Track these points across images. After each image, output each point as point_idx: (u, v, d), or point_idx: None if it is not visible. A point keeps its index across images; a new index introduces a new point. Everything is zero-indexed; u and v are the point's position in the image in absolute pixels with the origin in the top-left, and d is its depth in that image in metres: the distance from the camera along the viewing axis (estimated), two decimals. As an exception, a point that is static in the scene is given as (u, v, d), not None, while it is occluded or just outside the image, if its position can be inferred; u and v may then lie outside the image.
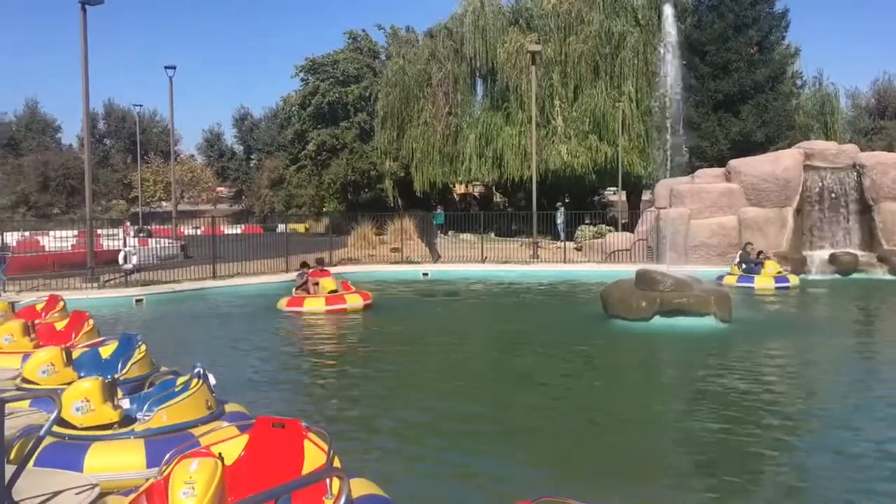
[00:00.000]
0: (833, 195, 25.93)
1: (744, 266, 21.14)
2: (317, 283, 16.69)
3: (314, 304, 16.05)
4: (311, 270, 17.27)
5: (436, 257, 29.00)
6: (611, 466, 6.48)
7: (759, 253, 21.89)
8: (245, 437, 4.68)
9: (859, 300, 18.96)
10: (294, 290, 16.95)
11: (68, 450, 5.55)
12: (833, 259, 23.62)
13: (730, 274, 21.02)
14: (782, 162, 26.16)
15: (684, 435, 7.44)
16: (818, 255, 24.18)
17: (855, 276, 22.98)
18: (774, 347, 12.11)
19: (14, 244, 25.81)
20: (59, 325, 9.90)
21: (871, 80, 62.41)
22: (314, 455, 4.50)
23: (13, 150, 75.42)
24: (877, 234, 25.09)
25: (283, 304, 16.41)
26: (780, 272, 20.61)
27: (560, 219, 32.29)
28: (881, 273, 23.39)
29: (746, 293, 18.66)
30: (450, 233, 33.89)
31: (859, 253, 24.54)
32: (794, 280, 20.66)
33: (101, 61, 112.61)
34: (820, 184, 25.98)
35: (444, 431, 7.53)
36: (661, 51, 25.60)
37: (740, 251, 22.13)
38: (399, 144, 38.93)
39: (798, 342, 12.75)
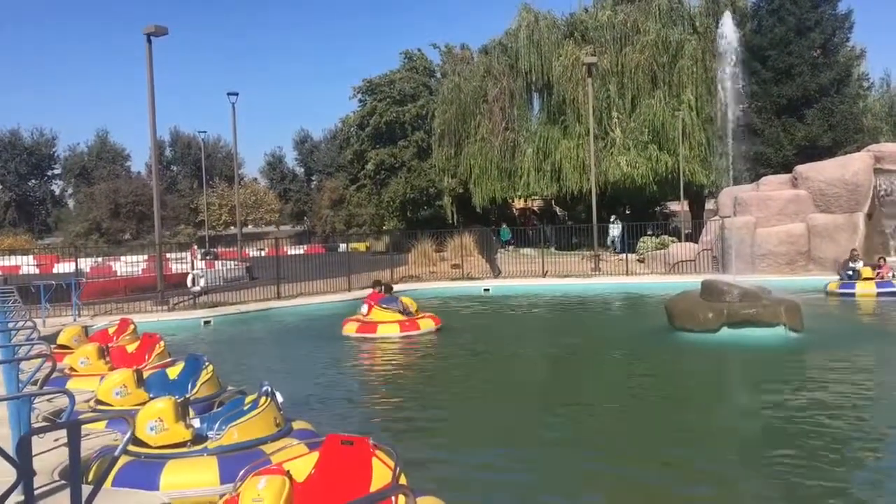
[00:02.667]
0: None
1: (848, 273, 20.47)
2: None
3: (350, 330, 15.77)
4: (372, 292, 17.10)
5: (496, 272, 28.94)
6: (671, 485, 6.33)
7: (879, 258, 21.11)
8: (315, 455, 4.74)
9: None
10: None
11: (145, 468, 5.71)
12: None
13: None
14: (851, 166, 25.37)
15: (755, 456, 7.22)
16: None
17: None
18: (847, 359, 11.61)
19: (87, 270, 26.74)
20: (131, 348, 10.20)
21: (943, 78, 59.94)
22: (382, 472, 4.53)
23: (85, 179, 78.42)
24: (953, 237, 24.10)
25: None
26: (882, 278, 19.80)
27: (615, 231, 31.85)
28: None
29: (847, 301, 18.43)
30: (510, 247, 33.87)
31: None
32: None
33: (167, 89, 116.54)
34: (892, 187, 25.11)
35: (512, 449, 7.48)
36: (723, 59, 25.17)
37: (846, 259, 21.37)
38: (457, 161, 39.07)
39: (875, 353, 12.27)
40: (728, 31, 25.14)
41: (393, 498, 4.16)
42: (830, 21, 35.17)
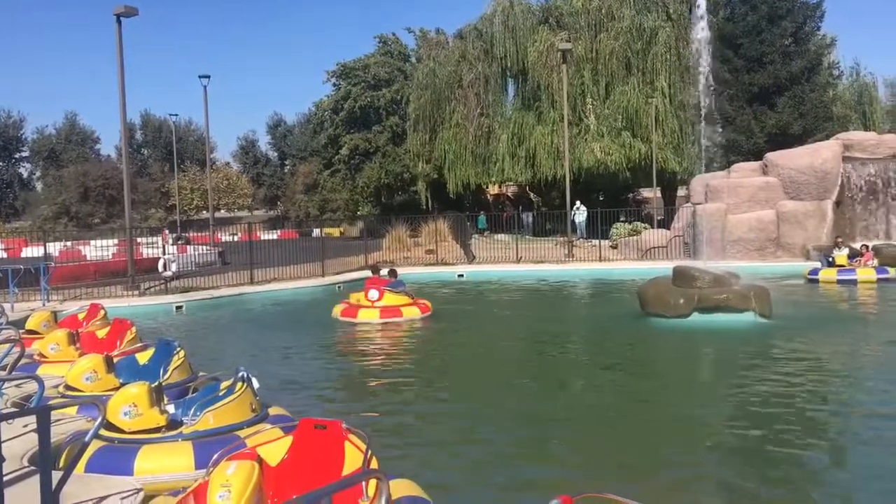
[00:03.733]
0: (873, 186, 25.46)
1: (828, 259, 20.59)
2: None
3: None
4: (373, 277, 16.77)
5: (471, 258, 29.01)
6: (649, 466, 6.44)
7: (862, 245, 21.22)
8: (289, 439, 4.75)
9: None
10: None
11: (119, 454, 5.68)
12: (876, 252, 23.16)
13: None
14: (820, 154, 25.74)
15: (722, 436, 7.36)
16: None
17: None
18: (813, 344, 11.85)
19: (56, 254, 26.35)
20: (101, 334, 10.09)
21: (911, 68, 61.02)
22: (354, 456, 4.55)
23: (54, 162, 77.13)
24: (920, 225, 24.58)
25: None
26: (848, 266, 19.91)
27: (579, 217, 32.03)
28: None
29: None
30: (485, 233, 33.99)
31: (903, 245, 24.00)
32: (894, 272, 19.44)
33: (137, 72, 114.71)
34: (859, 175, 25.53)
35: (486, 431, 7.55)
36: (694, 45, 25.35)
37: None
38: (431, 146, 39.03)
39: (842, 338, 12.50)
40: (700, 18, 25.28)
41: (364, 483, 4.18)
42: (802, 9, 35.59)
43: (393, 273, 17.23)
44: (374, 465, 4.38)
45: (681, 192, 38.37)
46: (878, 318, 14.92)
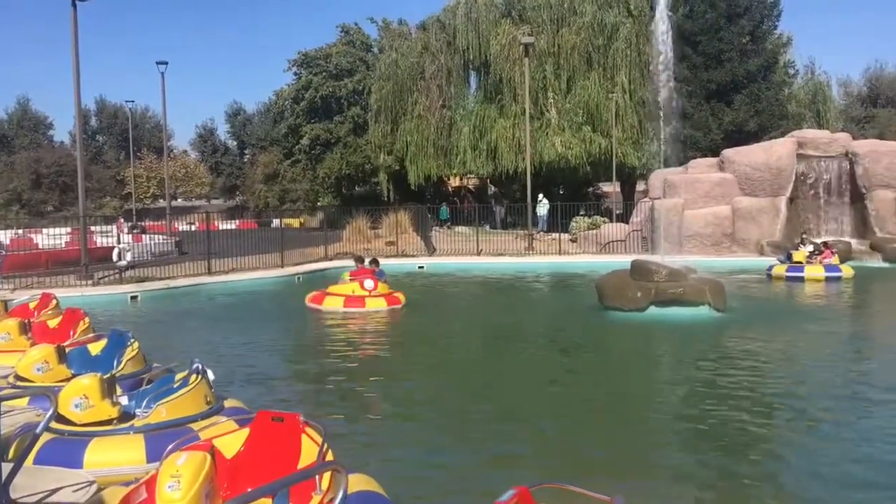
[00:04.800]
0: (826, 184, 26.06)
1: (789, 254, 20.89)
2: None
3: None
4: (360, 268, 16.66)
5: (431, 250, 29.02)
6: (604, 456, 6.52)
7: (822, 242, 21.49)
8: (245, 431, 4.71)
9: (883, 288, 18.86)
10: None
11: (68, 446, 5.57)
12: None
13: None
14: (775, 151, 26.26)
15: (676, 425, 7.49)
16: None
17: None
18: (764, 337, 12.12)
19: (7, 242, 25.73)
20: (53, 324, 9.87)
21: (863, 68, 62.55)
22: (310, 449, 4.53)
23: (5, 148, 75.19)
24: (870, 221, 25.24)
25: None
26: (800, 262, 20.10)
27: (542, 210, 32.25)
28: (875, 261, 23.46)
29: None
30: (445, 226, 34.05)
31: (853, 241, 24.65)
32: (847, 271, 19.65)
33: (93, 58, 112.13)
34: (813, 172, 26.10)
35: (443, 424, 7.57)
36: (654, 41, 25.62)
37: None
38: (393, 138, 38.88)
39: (789, 330, 12.80)
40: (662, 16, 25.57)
41: (317, 477, 4.16)
42: (759, 8, 36.18)
43: (375, 262, 17.26)
44: (329, 457, 4.36)
45: (640, 186, 38.84)
46: (817, 312, 15.32)
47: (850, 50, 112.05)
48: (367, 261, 17.20)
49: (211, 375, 6.39)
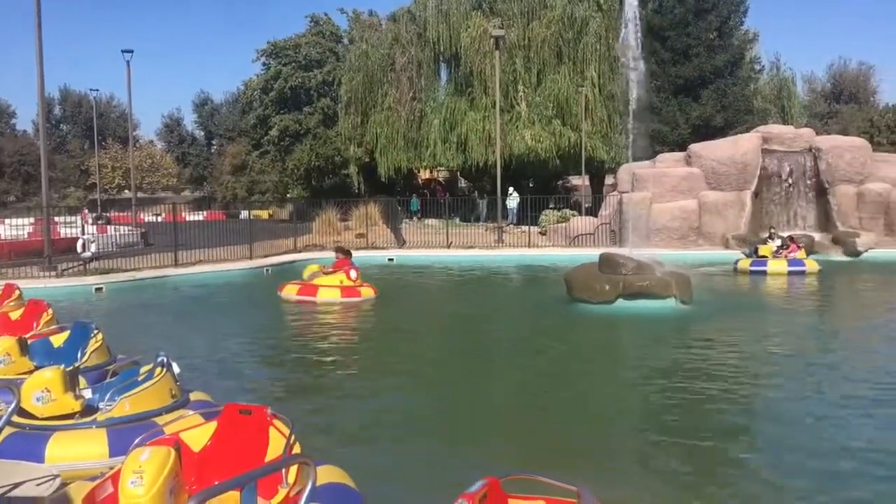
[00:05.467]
0: (790, 178, 26.48)
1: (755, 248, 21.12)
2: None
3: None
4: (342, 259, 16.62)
5: (401, 243, 28.99)
6: (572, 446, 6.58)
7: (788, 237, 21.58)
8: (213, 425, 4.68)
9: (845, 281, 19.11)
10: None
11: (29, 440, 5.47)
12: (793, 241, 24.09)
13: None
14: (741, 146, 26.61)
15: (641, 415, 7.59)
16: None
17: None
18: (728, 329, 12.33)
19: (-32, 233, 25.21)
20: (15, 315, 9.71)
21: (827, 64, 63.63)
22: (278, 442, 4.51)
23: (-35, 137, 73.58)
24: (832, 216, 25.69)
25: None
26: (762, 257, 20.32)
27: (512, 203, 32.34)
28: (836, 255, 23.89)
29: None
30: (415, 218, 34.03)
31: (816, 235, 25.07)
32: (811, 265, 19.63)
33: (57, 44, 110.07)
34: (777, 167, 26.49)
35: (412, 415, 7.58)
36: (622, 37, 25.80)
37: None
38: (363, 130, 38.69)
39: (753, 323, 13.02)
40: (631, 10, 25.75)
41: (283, 470, 4.15)
42: (726, 4, 36.56)
43: (349, 254, 17.28)
44: (296, 450, 4.35)
45: (608, 180, 39.11)
46: (779, 305, 15.64)
47: (815, 47, 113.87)
48: (342, 252, 17.19)
49: (176, 368, 6.33)
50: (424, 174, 48.15)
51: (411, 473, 5.94)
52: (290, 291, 15.68)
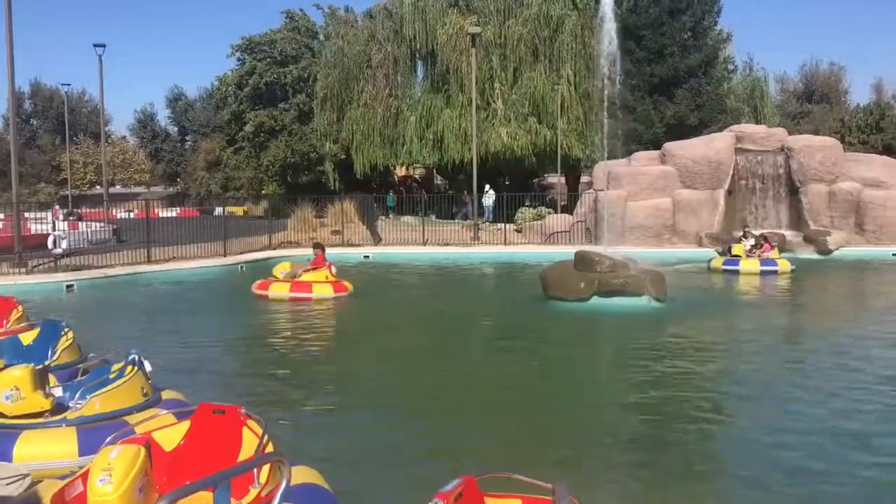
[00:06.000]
0: (762, 177, 26.78)
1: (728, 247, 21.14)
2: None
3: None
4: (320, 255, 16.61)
5: (377, 240, 28.92)
6: (547, 443, 6.60)
7: (761, 235, 21.62)
8: (186, 424, 4.63)
9: (816, 281, 19.31)
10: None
11: (-4, 439, 5.39)
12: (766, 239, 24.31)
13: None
14: (714, 145, 26.86)
15: (615, 411, 7.63)
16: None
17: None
18: (700, 325, 12.47)
19: (-65, 229, 24.74)
20: (-18, 313, 9.53)
21: (799, 65, 64.44)
22: (251, 442, 4.47)
23: (-67, 131, 72.19)
24: (804, 214, 26.02)
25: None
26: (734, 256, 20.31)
27: (488, 200, 32.37)
28: (808, 253, 24.18)
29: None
30: (391, 215, 33.97)
31: (788, 233, 25.38)
32: (784, 265, 19.67)
33: (27, 38, 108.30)
34: (750, 166, 26.78)
35: (386, 415, 7.56)
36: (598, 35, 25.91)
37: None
38: (339, 126, 38.55)
39: (725, 320, 13.17)
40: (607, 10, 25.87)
41: (255, 470, 4.11)
42: (700, 4, 36.88)
43: (324, 249, 17.43)
44: (269, 449, 4.31)
45: (584, 178, 39.28)
46: (750, 303, 15.87)
47: (787, 47, 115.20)
48: (320, 247, 17.18)
49: (148, 367, 6.25)
50: (400, 171, 48.07)
51: (385, 473, 5.92)
52: (279, 290, 15.43)
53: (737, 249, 20.62)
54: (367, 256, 25.17)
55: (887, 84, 59.47)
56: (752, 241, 20.94)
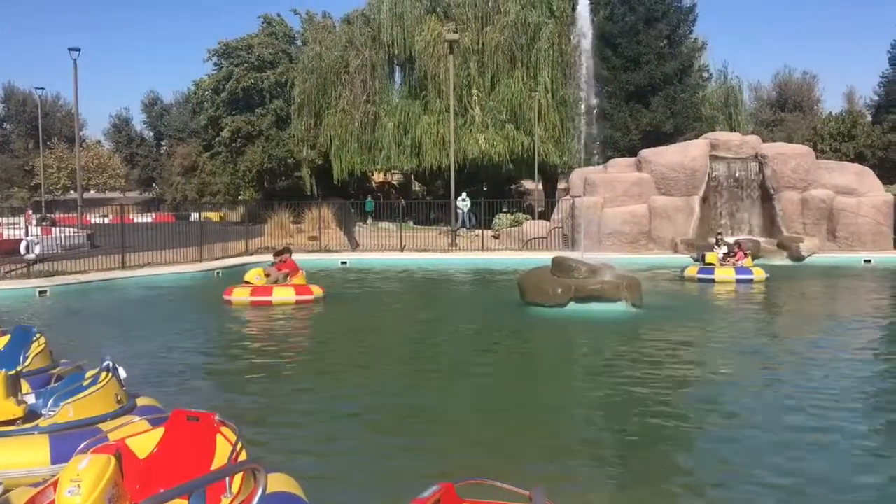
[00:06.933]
0: (737, 184, 27.08)
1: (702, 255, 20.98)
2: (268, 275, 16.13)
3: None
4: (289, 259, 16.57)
5: (354, 246, 28.85)
6: (524, 449, 6.62)
7: (735, 242, 21.45)
8: (160, 431, 4.59)
9: (790, 288, 19.41)
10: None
11: (-33, 448, 5.30)
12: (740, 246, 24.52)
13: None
14: (690, 152, 27.10)
15: (592, 417, 7.67)
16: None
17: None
18: (676, 331, 12.52)
19: None
20: (-46, 319, 9.41)
21: (773, 73, 65.17)
22: (225, 449, 4.43)
23: None
24: (777, 221, 26.33)
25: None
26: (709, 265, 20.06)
27: (464, 205, 32.38)
28: (781, 259, 24.42)
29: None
30: (369, 221, 33.92)
31: (761, 239, 25.65)
32: (759, 274, 19.38)
33: (0, 42, 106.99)
34: (725, 173, 27.06)
35: (363, 420, 7.54)
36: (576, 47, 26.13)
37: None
38: (316, 132, 38.45)
39: (701, 326, 13.27)
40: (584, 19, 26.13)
41: (227, 478, 4.08)
42: (676, 13, 37.24)
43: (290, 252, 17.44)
44: (243, 457, 4.28)
45: (561, 184, 39.48)
46: (726, 309, 15.96)
47: (761, 56, 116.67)
48: (288, 251, 17.16)
49: (123, 373, 6.20)
50: (378, 177, 48.00)
51: (362, 480, 5.90)
52: (241, 294, 15.48)
53: (710, 258, 20.44)
54: (345, 262, 25.09)
55: (859, 93, 60.33)
56: (724, 249, 20.79)
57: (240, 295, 15.44)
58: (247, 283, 15.86)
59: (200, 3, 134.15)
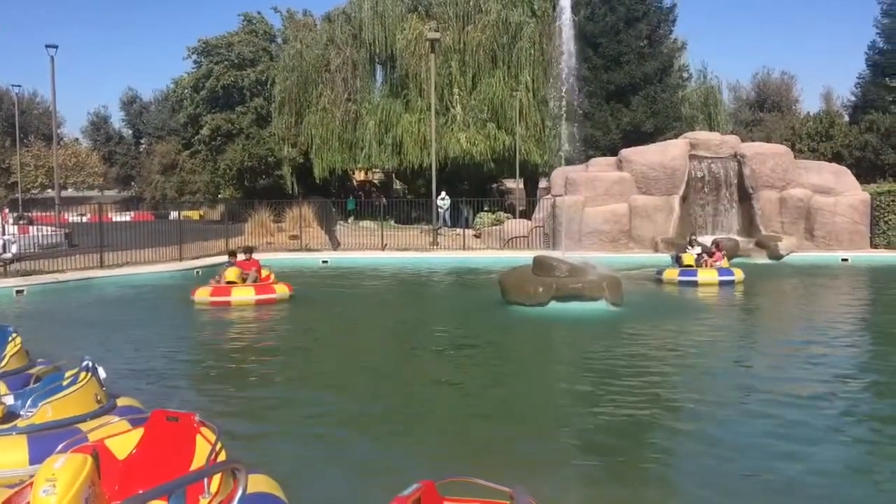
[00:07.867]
0: (716, 183, 27.29)
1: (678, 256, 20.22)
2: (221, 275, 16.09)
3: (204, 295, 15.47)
4: (238, 260, 16.49)
5: (335, 245, 28.78)
6: (505, 447, 6.64)
7: (713, 243, 20.99)
8: (140, 432, 4.56)
9: (769, 287, 19.51)
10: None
11: (-56, 449, 5.24)
12: (718, 246, 24.61)
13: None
14: (670, 152, 27.27)
15: (571, 415, 7.70)
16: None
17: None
18: (656, 330, 12.62)
19: None
20: (-71, 319, 9.28)
21: (752, 73, 65.76)
22: (204, 450, 4.42)
23: None
24: (755, 220, 26.57)
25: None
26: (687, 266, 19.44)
27: (443, 204, 32.35)
28: (760, 258, 24.64)
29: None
30: (350, 220, 33.84)
31: (740, 238, 25.86)
32: (738, 274, 18.93)
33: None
34: (704, 173, 27.27)
35: (343, 420, 7.52)
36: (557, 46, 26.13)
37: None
38: (297, 130, 38.29)
39: (680, 324, 13.37)
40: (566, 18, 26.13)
41: (206, 478, 4.06)
42: (656, 13, 37.39)
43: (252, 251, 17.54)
44: (222, 457, 4.26)
45: (542, 183, 39.57)
46: (706, 307, 16.14)
47: (740, 56, 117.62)
48: (250, 251, 17.25)
49: (102, 373, 6.15)
50: (359, 176, 47.88)
51: (343, 480, 5.90)
52: (202, 294, 15.41)
53: (687, 259, 19.78)
54: (326, 262, 25.02)
55: (836, 93, 60.96)
56: (698, 250, 20.18)
57: (201, 295, 15.37)
58: (231, 282, 15.75)
59: (180, 0, 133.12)
